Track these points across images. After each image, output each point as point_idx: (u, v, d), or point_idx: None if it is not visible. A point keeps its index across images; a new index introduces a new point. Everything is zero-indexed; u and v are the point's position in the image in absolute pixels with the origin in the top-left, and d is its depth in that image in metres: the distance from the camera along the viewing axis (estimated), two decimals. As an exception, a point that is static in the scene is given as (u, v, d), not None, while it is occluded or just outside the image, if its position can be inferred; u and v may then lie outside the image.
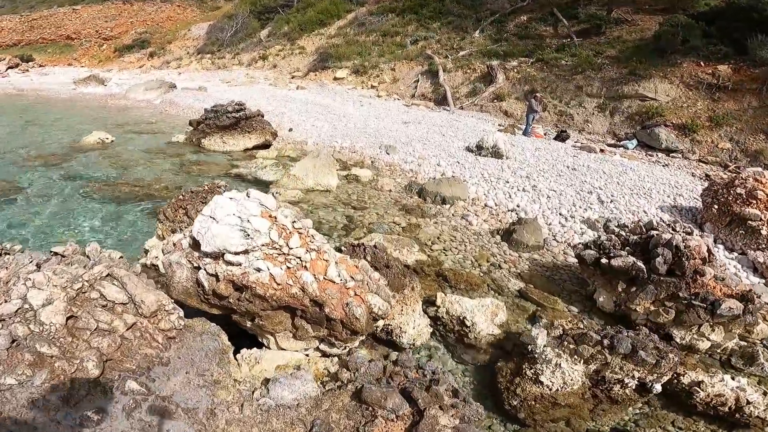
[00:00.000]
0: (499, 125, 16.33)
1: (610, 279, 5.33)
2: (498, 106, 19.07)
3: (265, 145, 11.92)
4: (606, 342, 3.96)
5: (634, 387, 3.93)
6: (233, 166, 10.22)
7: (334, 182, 8.96)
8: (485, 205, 8.58)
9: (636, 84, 16.27)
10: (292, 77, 26.68)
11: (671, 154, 13.40)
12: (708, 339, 4.78)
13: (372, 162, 10.85)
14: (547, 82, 18.18)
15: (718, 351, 4.89)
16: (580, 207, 8.44)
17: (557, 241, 7.27)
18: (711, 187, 8.39)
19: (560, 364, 3.97)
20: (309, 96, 19.04)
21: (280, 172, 9.46)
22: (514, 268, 6.51)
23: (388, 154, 11.28)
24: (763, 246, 7.05)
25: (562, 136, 14.22)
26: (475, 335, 4.77)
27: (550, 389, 3.95)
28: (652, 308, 4.97)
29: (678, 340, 4.80)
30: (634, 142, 13.97)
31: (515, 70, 19.88)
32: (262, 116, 12.26)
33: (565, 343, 4.08)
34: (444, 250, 6.94)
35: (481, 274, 6.29)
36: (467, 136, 12.98)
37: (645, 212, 8.44)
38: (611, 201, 8.71)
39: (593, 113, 16.38)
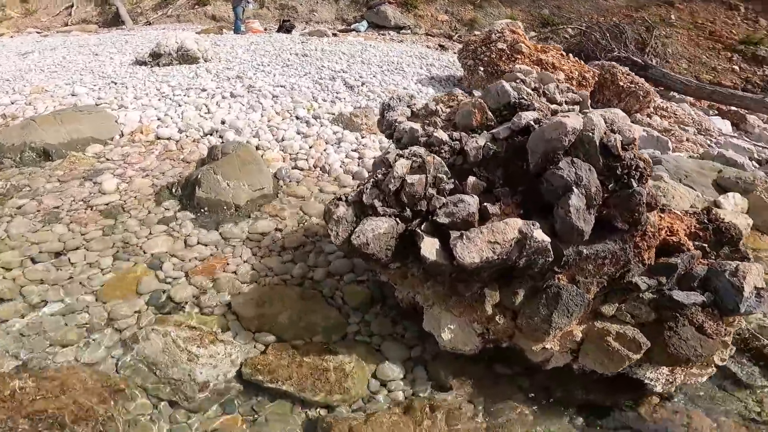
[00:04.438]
0: (200, 29, 10.85)
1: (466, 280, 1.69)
2: (202, 11, 13.41)
3: None
4: None
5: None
6: None
7: None
8: (157, 138, 3.96)
9: (352, -38, 13.01)
10: None
11: (401, 31, 11.11)
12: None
13: None
14: (256, -30, 13.16)
15: None
16: (325, 100, 4.80)
17: (301, 169, 3.44)
18: (467, 47, 5.97)
19: None
20: None
21: None
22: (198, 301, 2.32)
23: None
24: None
25: (285, 27, 10.10)
26: None
27: None
28: None
29: None
30: (365, 24, 11.09)
31: (213, -38, 13.96)
32: None
33: None
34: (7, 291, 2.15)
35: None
36: (141, 49, 7.35)
37: (405, 89, 5.43)
38: (362, 84, 5.38)
39: (318, 2, 12.62)
